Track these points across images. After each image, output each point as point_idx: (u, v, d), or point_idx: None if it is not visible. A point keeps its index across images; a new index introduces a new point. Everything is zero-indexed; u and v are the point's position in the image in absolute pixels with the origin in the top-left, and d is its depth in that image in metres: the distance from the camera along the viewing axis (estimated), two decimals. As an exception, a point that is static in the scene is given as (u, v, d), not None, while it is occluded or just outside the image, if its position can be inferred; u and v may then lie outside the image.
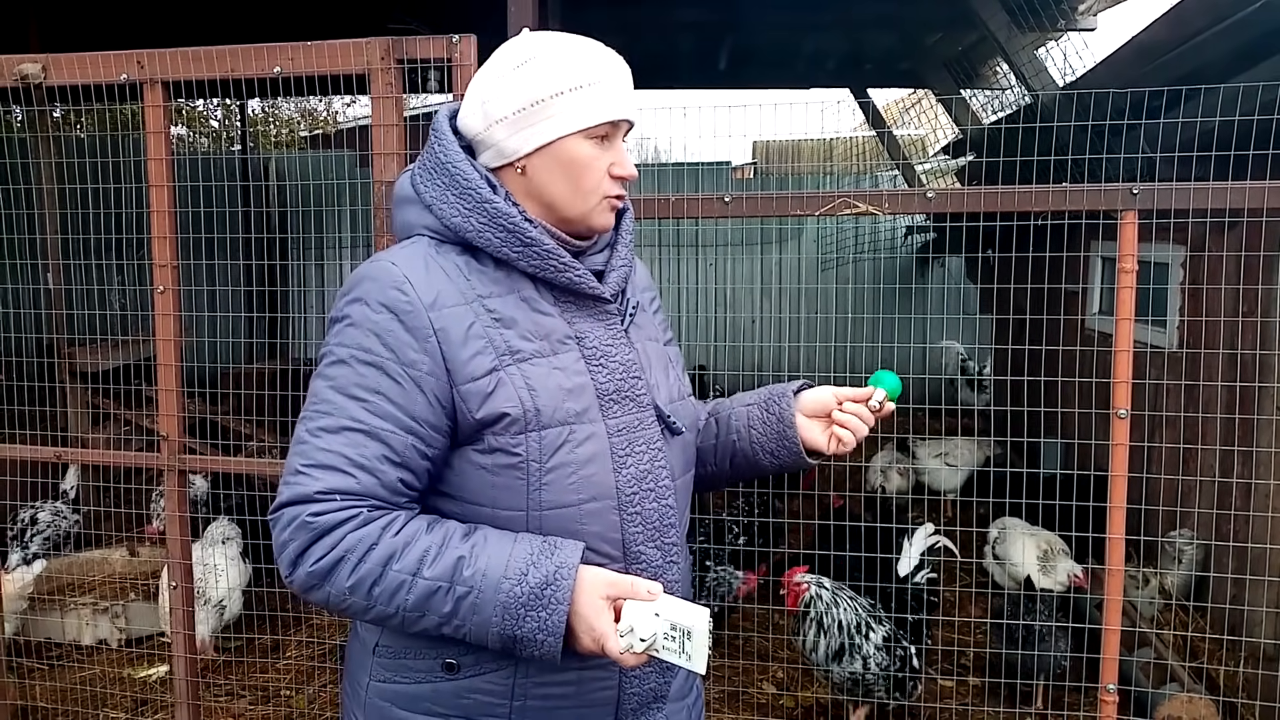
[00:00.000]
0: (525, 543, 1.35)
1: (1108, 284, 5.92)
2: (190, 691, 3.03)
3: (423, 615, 1.33)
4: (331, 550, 1.32)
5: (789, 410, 1.63)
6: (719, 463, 1.71)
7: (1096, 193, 2.46)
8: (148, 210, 2.82)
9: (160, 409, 2.92)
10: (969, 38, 6.76)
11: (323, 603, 1.36)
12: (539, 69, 1.40)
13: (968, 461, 6.05)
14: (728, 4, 5.95)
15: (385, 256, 1.43)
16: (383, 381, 1.36)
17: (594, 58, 1.43)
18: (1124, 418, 2.45)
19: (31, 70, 2.78)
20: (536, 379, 1.39)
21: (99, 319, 4.84)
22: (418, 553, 1.32)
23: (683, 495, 1.57)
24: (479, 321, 1.39)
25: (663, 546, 1.49)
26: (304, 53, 2.62)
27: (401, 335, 1.36)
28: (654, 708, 1.54)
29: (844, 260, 7.99)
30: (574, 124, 1.40)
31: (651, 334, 1.59)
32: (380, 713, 1.47)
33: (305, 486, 1.33)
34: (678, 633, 1.31)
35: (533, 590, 1.30)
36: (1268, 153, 2.87)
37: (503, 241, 1.41)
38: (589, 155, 1.42)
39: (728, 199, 2.56)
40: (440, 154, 1.45)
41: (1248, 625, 3.83)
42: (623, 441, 1.45)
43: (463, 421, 1.38)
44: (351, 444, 1.34)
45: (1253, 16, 3.55)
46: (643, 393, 1.49)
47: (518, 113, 1.41)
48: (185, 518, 2.97)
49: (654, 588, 1.34)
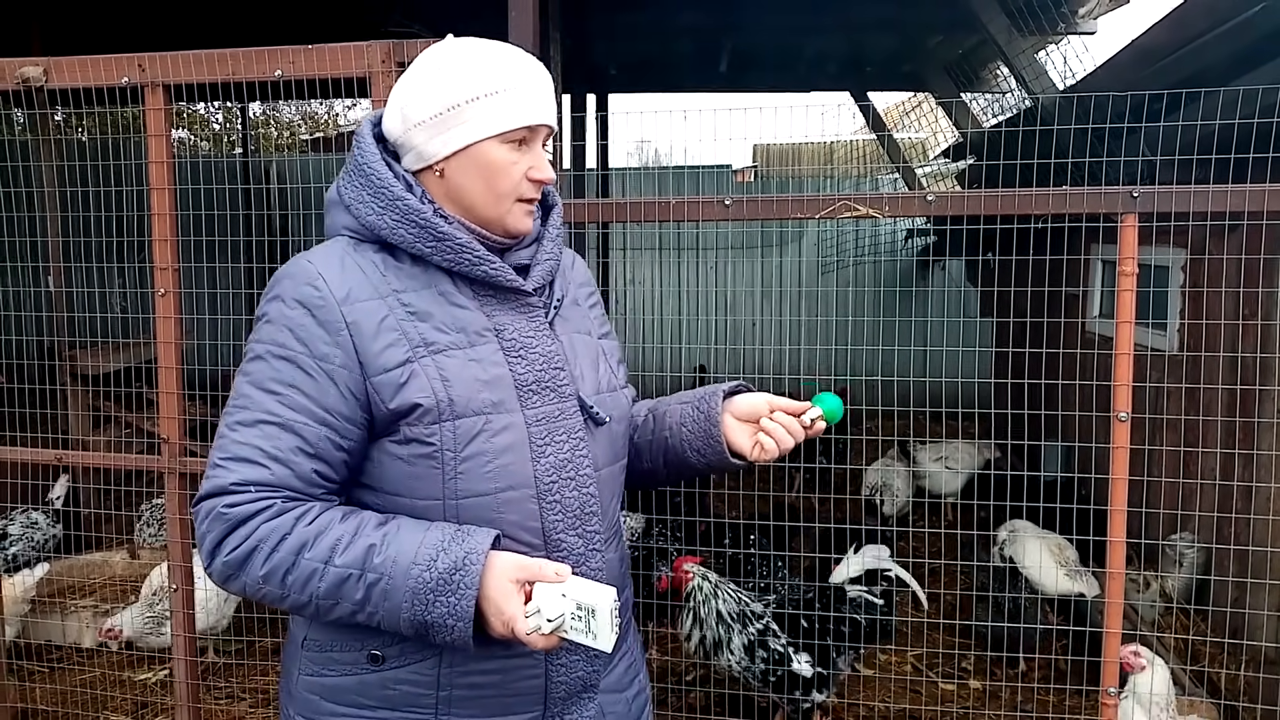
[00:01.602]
0: (437, 530, 1.37)
1: (1108, 287, 5.92)
2: (190, 694, 3.03)
3: (336, 603, 1.35)
4: (245, 540, 1.35)
5: (716, 409, 1.64)
6: (654, 459, 1.72)
7: (1097, 196, 2.46)
8: (148, 213, 2.83)
9: (161, 412, 2.92)
10: (969, 41, 6.77)
11: (240, 592, 1.40)
12: (455, 75, 1.43)
13: (968, 465, 6.04)
14: (728, 7, 5.95)
15: (303, 256, 1.47)
16: (296, 375, 1.40)
17: (509, 64, 1.45)
18: (1124, 421, 2.45)
19: (33, 73, 2.79)
20: (451, 370, 1.43)
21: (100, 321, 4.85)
22: (329, 541, 1.35)
23: (608, 485, 1.58)
24: (393, 315, 1.43)
25: (584, 535, 1.51)
26: (305, 56, 2.63)
27: (314, 330, 1.40)
28: (584, 697, 1.56)
29: (844, 263, 7.99)
30: (489, 129, 1.44)
31: (581, 327, 1.62)
32: (309, 706, 1.51)
33: (221, 479, 1.37)
34: (583, 612, 1.33)
35: (441, 575, 1.32)
36: (1268, 156, 2.87)
37: (415, 237, 1.45)
38: (505, 160, 1.46)
39: (729, 202, 2.56)
40: (358, 156, 1.50)
41: (1249, 629, 3.83)
42: (542, 431, 1.47)
43: (377, 413, 1.42)
44: (266, 436, 1.38)
45: (1253, 19, 3.55)
46: (565, 383, 1.51)
47: (434, 117, 1.44)
48: (187, 520, 2.97)
49: (562, 569, 1.37)
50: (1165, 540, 4.34)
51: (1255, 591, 3.79)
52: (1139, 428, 2.70)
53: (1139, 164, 4.20)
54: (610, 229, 7.83)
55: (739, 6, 5.90)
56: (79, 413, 5.40)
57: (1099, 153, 4.37)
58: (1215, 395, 4.08)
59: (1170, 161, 3.85)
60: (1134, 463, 2.51)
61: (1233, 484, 3.87)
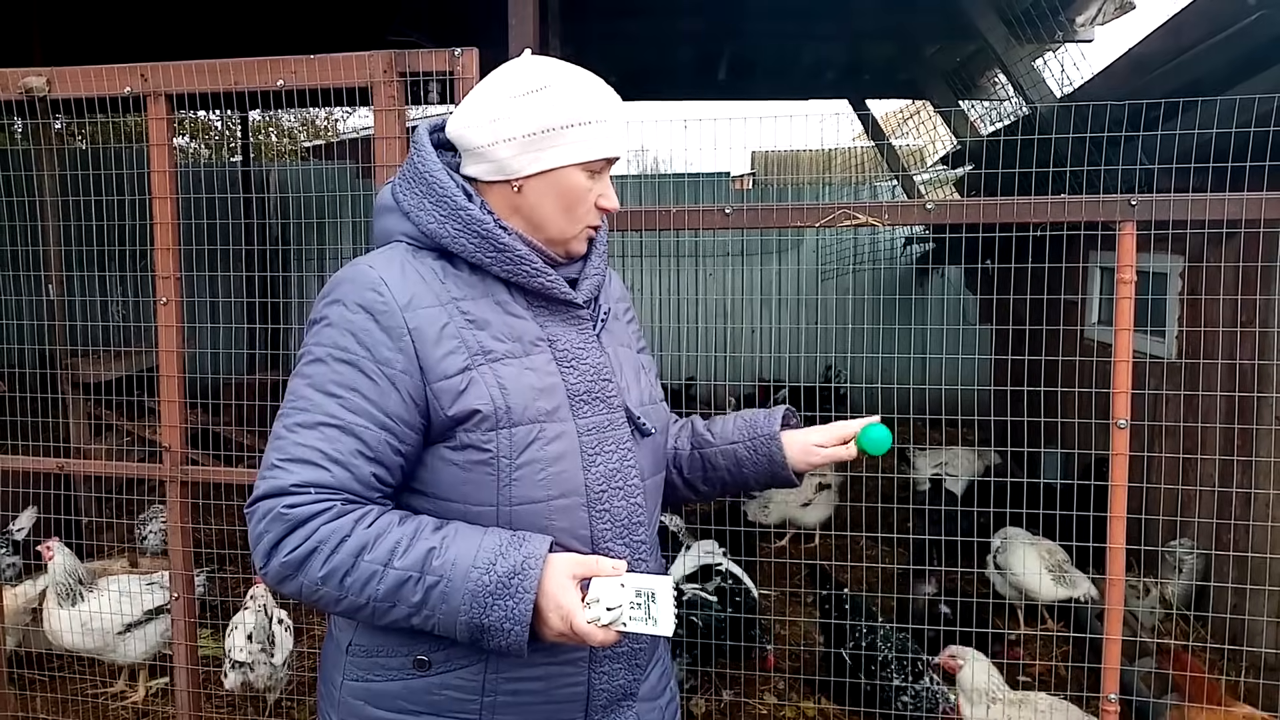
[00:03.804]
0: (494, 535, 1.39)
1: (1107, 294, 5.93)
2: (191, 703, 3.04)
3: (393, 605, 1.36)
4: (305, 541, 1.36)
5: (779, 455, 1.73)
6: (708, 490, 1.82)
7: (1095, 203, 2.47)
8: (150, 222, 2.84)
9: (162, 420, 2.93)
10: (967, 49, 6.79)
11: (295, 593, 1.40)
12: (556, 98, 1.45)
13: (967, 471, 6.04)
14: (726, 15, 5.98)
15: (363, 261, 1.48)
16: (358, 379, 1.40)
17: (605, 96, 1.49)
18: (1123, 428, 2.46)
19: (36, 83, 2.80)
20: (508, 378, 1.44)
21: (100, 330, 4.85)
22: (389, 544, 1.36)
23: (652, 495, 1.62)
24: (453, 323, 1.44)
25: (631, 544, 1.53)
26: (307, 66, 2.64)
27: (377, 334, 1.41)
28: (624, 705, 1.57)
29: (844, 271, 8.00)
30: (579, 155, 1.47)
31: (624, 340, 1.65)
32: (354, 711, 1.51)
33: (281, 480, 1.38)
34: (642, 598, 1.35)
35: (500, 579, 1.34)
36: (1265, 164, 2.89)
37: (476, 247, 1.46)
38: (583, 186, 1.49)
39: (728, 210, 2.57)
40: (419, 164, 1.51)
41: (1248, 635, 3.83)
42: (592, 440, 1.50)
43: (436, 418, 1.43)
44: (327, 439, 1.39)
45: (1249, 28, 3.57)
46: (613, 394, 1.53)
47: (528, 136, 1.45)
48: (188, 529, 2.97)
49: (618, 564, 1.39)
50: (1164, 546, 4.35)
51: (1254, 597, 3.80)
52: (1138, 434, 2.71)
53: (1136, 172, 4.21)
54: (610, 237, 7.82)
55: (737, 14, 5.93)
56: (79, 421, 5.39)
57: (1096, 161, 4.39)
58: (1214, 402, 4.09)
59: (1168, 169, 3.87)
60: (1133, 469, 2.51)
61: (1231, 490, 3.87)
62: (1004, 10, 5.23)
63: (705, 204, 2.62)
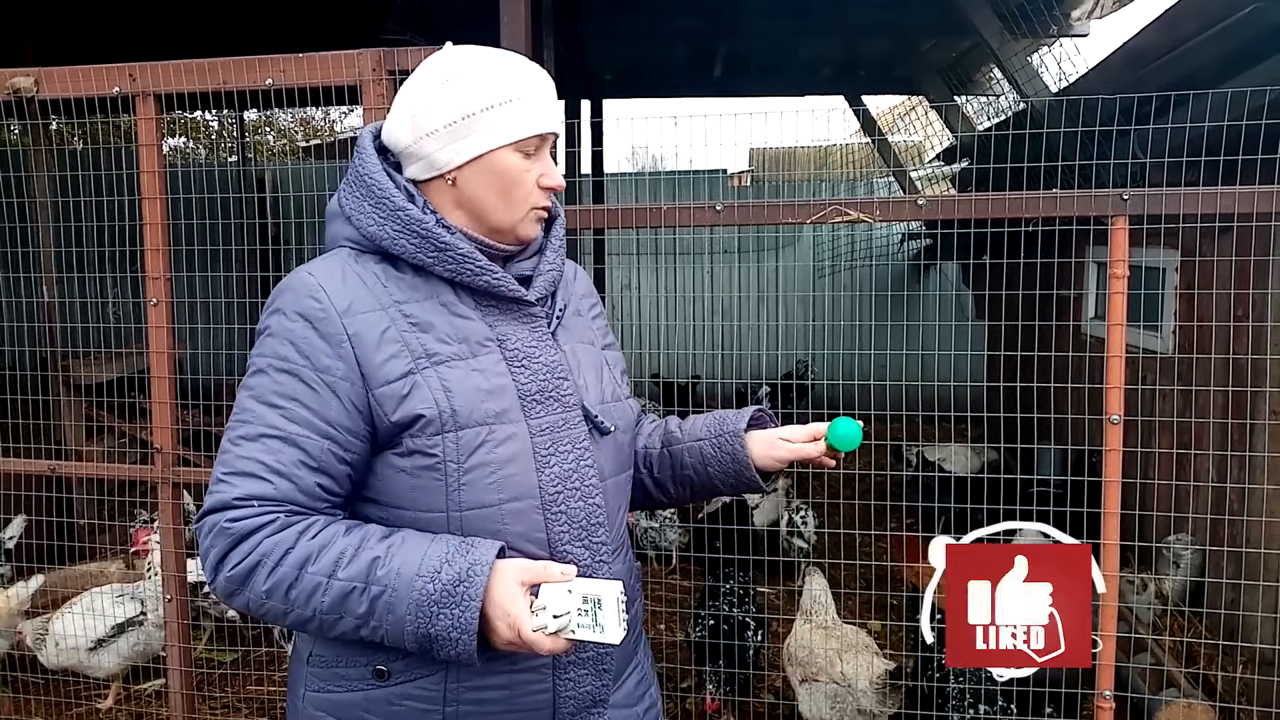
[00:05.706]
0: (441, 542, 1.36)
1: (1103, 289, 5.92)
2: (186, 704, 3.03)
3: (340, 617, 1.34)
4: (249, 555, 1.34)
5: (742, 452, 1.70)
6: (678, 491, 1.78)
7: (1087, 198, 2.46)
8: (141, 222, 2.82)
9: (154, 421, 2.92)
10: (962, 44, 6.79)
11: (244, 607, 1.39)
12: (468, 83, 1.43)
13: (964, 467, 6.03)
14: (721, 12, 5.96)
15: (304, 268, 1.47)
16: (298, 388, 1.39)
17: (520, 72, 1.47)
18: (1117, 423, 2.45)
19: (23, 83, 2.79)
20: (454, 381, 1.42)
21: (94, 331, 4.83)
22: (333, 555, 1.34)
23: (614, 495, 1.58)
24: (394, 326, 1.42)
25: (591, 546, 1.50)
26: (295, 65, 2.63)
27: (316, 342, 1.39)
28: (593, 712, 1.54)
29: (840, 267, 8.00)
30: (504, 137, 1.44)
31: (584, 337, 1.63)
32: None
33: (224, 494, 1.37)
34: (589, 605, 1.32)
35: (445, 587, 1.31)
36: (1258, 158, 2.88)
37: (417, 248, 1.45)
38: (519, 167, 1.47)
39: (720, 208, 2.56)
40: (359, 167, 1.50)
41: (1246, 630, 3.83)
42: (546, 441, 1.47)
43: (380, 425, 1.41)
44: (268, 450, 1.37)
45: (1243, 21, 3.56)
46: (569, 393, 1.51)
47: (449, 126, 1.44)
48: (180, 530, 2.96)
49: (568, 569, 1.37)
50: (1161, 542, 4.35)
51: (1251, 592, 3.79)
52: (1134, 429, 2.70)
53: (1130, 166, 4.21)
54: (606, 235, 7.83)
55: (733, 11, 5.91)
56: (73, 423, 5.38)
57: (1091, 155, 4.38)
58: (1210, 397, 4.09)
59: (1161, 163, 3.86)
60: (1129, 465, 2.51)
61: (1228, 485, 3.87)
62: (999, 5, 5.22)
63: (698, 201, 2.61)
